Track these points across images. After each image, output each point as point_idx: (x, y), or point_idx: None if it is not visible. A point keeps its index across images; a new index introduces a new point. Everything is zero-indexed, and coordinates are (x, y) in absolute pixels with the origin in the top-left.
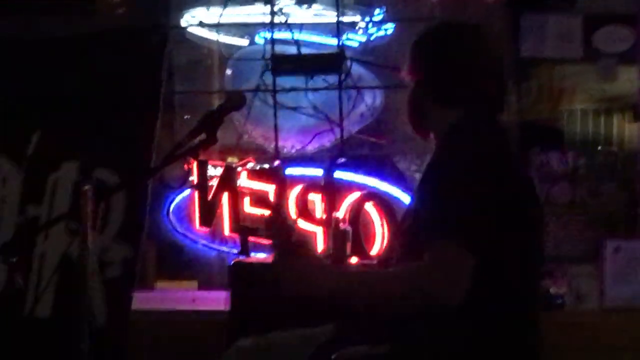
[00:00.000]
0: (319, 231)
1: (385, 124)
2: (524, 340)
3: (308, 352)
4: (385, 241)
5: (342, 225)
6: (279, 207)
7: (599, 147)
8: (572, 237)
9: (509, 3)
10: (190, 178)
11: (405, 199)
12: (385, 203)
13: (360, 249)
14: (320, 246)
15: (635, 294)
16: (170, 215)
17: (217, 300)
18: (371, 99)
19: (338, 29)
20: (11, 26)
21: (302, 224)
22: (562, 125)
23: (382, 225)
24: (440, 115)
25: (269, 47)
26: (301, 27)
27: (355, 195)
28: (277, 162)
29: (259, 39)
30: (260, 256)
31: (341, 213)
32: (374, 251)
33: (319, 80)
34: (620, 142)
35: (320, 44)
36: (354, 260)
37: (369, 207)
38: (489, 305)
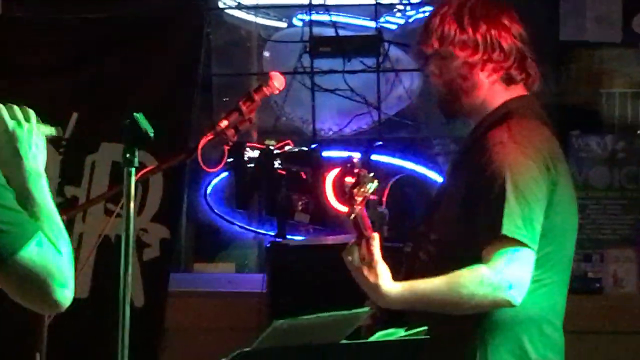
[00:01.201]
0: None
1: (422, 107)
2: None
3: (346, 334)
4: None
5: (379, 208)
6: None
7: (638, 131)
8: (611, 221)
9: None
10: (228, 160)
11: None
12: (421, 186)
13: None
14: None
15: None
16: (208, 197)
17: (254, 282)
18: (409, 82)
19: (376, 12)
20: (50, 8)
21: (339, 207)
22: (601, 108)
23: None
24: (492, 93)
25: (307, 29)
26: (339, 9)
27: (392, 178)
28: (314, 145)
29: (297, 21)
30: (297, 239)
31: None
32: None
33: (356, 63)
34: None
35: (359, 26)
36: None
37: (406, 189)
38: None
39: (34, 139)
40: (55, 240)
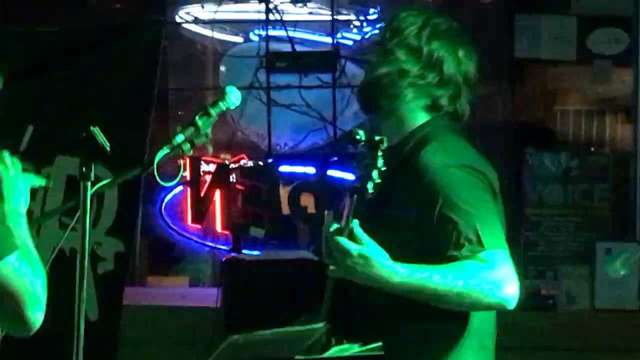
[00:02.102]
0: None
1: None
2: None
3: (301, 349)
4: None
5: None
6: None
7: (592, 149)
8: (564, 238)
9: (504, 3)
10: (183, 174)
11: None
12: None
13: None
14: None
15: (626, 295)
16: (163, 211)
17: (208, 296)
18: None
19: (333, 28)
20: (4, 19)
21: (295, 221)
22: (555, 126)
23: None
24: (412, 113)
25: (263, 44)
26: (296, 25)
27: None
28: (270, 160)
29: (254, 36)
30: (252, 253)
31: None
32: None
33: (313, 79)
34: (612, 144)
35: (315, 42)
36: None
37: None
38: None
39: (18, 183)
40: (33, 266)
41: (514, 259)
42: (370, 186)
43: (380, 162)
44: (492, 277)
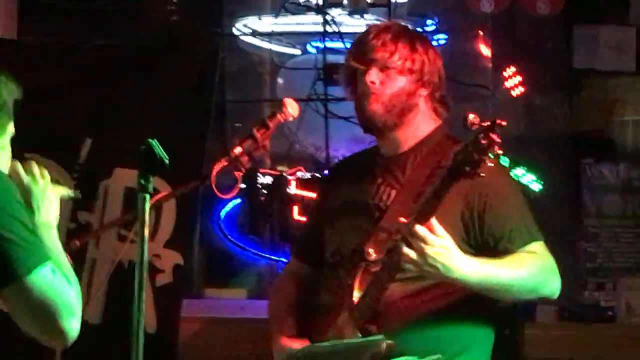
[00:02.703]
0: None
1: None
2: None
3: None
4: None
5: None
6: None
7: None
8: (623, 249)
9: (562, 15)
10: (241, 186)
11: None
12: None
13: None
14: None
15: None
16: (221, 223)
17: (266, 308)
18: None
19: None
20: (66, 34)
21: None
22: (614, 136)
23: None
24: (425, 117)
25: (320, 56)
26: (353, 36)
27: None
28: (326, 172)
29: (311, 49)
30: None
31: None
32: None
33: None
34: None
35: None
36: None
37: None
38: None
39: (47, 194)
40: (68, 277)
41: (575, 271)
42: None
43: None
44: (545, 266)
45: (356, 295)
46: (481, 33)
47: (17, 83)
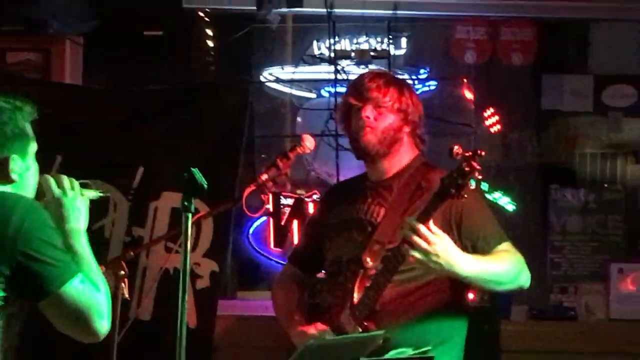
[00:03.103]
0: None
1: None
2: None
3: (364, 353)
4: None
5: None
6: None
7: (606, 185)
8: (583, 260)
9: (532, 66)
10: (266, 207)
11: None
12: None
13: None
14: None
15: (637, 308)
16: (250, 237)
17: None
18: None
19: None
20: (123, 80)
21: None
22: (575, 166)
23: None
24: (407, 148)
25: (332, 99)
26: None
27: None
28: (325, 193)
29: (324, 93)
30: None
31: None
32: None
33: None
34: (623, 181)
35: None
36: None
37: None
38: None
39: (77, 203)
40: (96, 283)
41: (543, 277)
42: None
43: None
44: (520, 260)
45: (356, 296)
46: (465, 80)
47: (32, 104)
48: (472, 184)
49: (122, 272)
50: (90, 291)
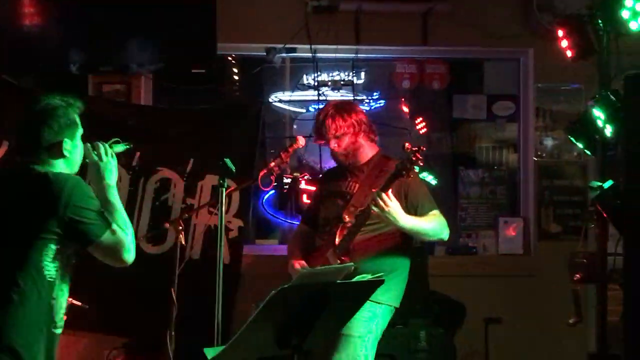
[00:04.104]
0: None
1: None
2: None
3: (339, 277)
4: None
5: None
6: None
7: (495, 167)
8: (481, 215)
9: (446, 89)
10: (274, 184)
11: None
12: None
13: None
14: None
15: (515, 246)
16: (264, 203)
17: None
18: None
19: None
20: (179, 101)
21: None
22: (475, 155)
23: None
24: (366, 148)
25: (316, 112)
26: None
27: None
28: (320, 176)
29: (311, 109)
30: None
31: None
32: None
33: None
34: (507, 164)
35: None
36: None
37: None
38: None
39: (111, 164)
40: (124, 227)
41: (455, 227)
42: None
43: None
44: (442, 222)
45: (337, 240)
46: (403, 99)
47: (80, 100)
48: (417, 169)
49: (180, 227)
50: (120, 235)
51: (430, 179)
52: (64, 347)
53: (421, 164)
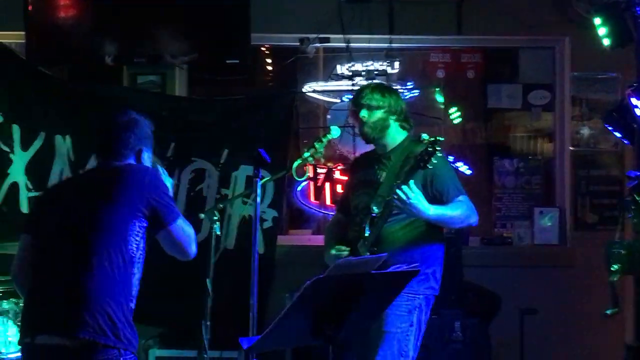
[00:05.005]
0: None
1: None
2: None
3: (373, 268)
4: None
5: None
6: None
7: (530, 157)
8: (516, 205)
9: (481, 78)
10: (307, 174)
11: None
12: None
13: None
14: None
15: (551, 236)
16: (297, 194)
17: (322, 240)
18: None
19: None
20: (216, 92)
21: None
22: (510, 144)
23: None
24: (395, 131)
25: (349, 103)
26: None
27: None
28: (350, 164)
29: (345, 99)
30: None
31: None
32: None
33: None
34: (542, 154)
35: None
36: None
37: None
38: None
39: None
40: (187, 223)
41: (489, 217)
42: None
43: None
44: (469, 207)
45: (367, 231)
46: (437, 89)
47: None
48: (435, 160)
49: (215, 217)
50: (187, 227)
51: (465, 169)
52: None
53: (439, 154)
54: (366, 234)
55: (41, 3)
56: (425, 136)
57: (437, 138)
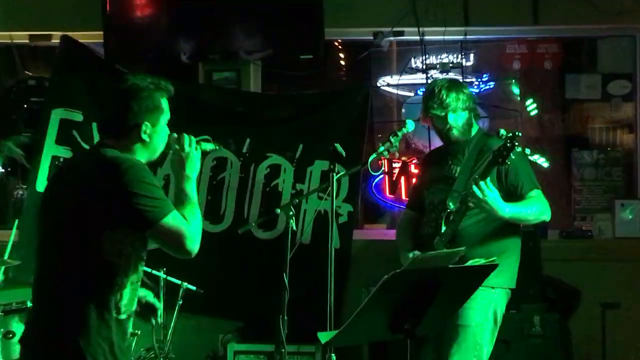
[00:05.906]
0: None
1: None
2: None
3: (451, 262)
4: None
5: None
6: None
7: (609, 148)
8: (596, 198)
9: (559, 68)
10: (383, 168)
11: None
12: None
13: None
14: None
15: (634, 228)
16: (373, 188)
17: None
18: (481, 123)
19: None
20: (288, 87)
21: None
22: (589, 136)
23: None
24: (471, 127)
25: None
26: None
27: None
28: (423, 159)
29: (419, 92)
30: None
31: None
32: None
33: None
34: (622, 145)
35: None
36: None
37: None
38: None
39: (194, 156)
40: (190, 218)
41: (569, 210)
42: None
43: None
44: (543, 204)
45: (443, 227)
46: (513, 80)
47: (170, 85)
48: (513, 156)
49: (291, 213)
50: (181, 223)
51: (542, 161)
52: (182, 330)
53: (517, 148)
54: (442, 230)
55: (119, 3)
56: (503, 132)
57: (516, 133)
